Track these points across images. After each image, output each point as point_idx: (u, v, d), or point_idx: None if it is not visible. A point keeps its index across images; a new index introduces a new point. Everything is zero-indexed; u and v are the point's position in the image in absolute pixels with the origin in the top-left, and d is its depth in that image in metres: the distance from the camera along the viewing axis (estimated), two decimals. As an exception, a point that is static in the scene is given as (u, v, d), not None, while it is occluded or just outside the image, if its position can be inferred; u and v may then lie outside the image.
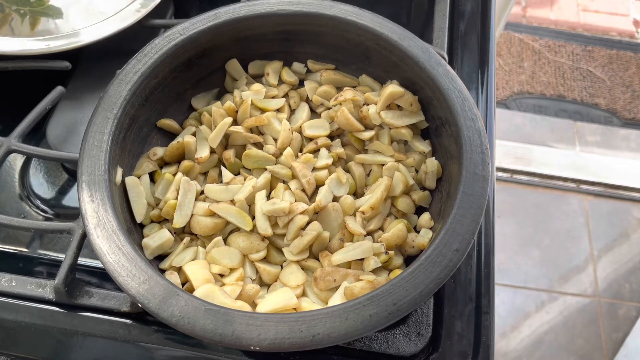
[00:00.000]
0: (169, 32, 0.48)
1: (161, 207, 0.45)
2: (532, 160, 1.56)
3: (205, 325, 0.34)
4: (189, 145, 0.47)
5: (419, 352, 0.43)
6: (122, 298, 0.42)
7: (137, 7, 0.58)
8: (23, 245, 0.50)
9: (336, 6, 0.50)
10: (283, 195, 0.45)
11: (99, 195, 0.39)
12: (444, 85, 0.45)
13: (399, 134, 0.49)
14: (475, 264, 0.47)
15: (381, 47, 0.49)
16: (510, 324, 1.31)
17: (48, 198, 0.53)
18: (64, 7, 0.59)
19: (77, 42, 0.54)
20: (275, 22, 0.50)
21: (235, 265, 0.43)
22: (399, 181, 0.47)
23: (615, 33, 1.89)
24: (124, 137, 0.45)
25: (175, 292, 0.35)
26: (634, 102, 1.74)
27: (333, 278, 0.41)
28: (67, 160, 0.48)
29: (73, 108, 0.54)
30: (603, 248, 1.43)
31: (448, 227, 0.39)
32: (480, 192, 0.40)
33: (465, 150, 0.42)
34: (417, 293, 0.36)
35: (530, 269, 1.40)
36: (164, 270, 0.43)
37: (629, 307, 1.34)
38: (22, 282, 0.43)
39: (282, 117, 0.50)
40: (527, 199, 1.51)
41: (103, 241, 0.37)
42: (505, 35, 1.85)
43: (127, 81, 0.45)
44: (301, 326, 0.34)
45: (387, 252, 0.43)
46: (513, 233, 1.45)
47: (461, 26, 0.63)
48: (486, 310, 0.45)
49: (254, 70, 0.53)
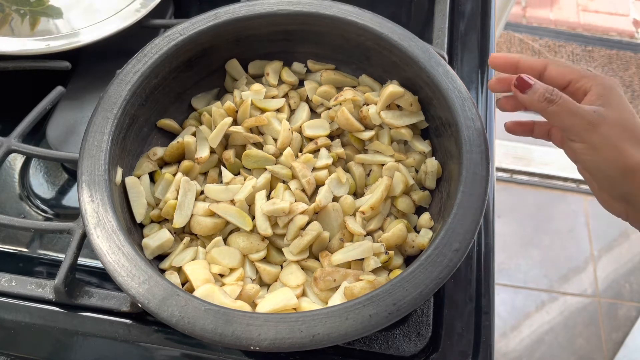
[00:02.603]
0: (169, 32, 0.48)
1: (161, 207, 0.45)
2: (532, 160, 1.56)
3: (205, 325, 0.34)
4: (189, 145, 0.47)
5: (419, 352, 0.43)
6: (122, 298, 0.42)
7: (137, 7, 0.58)
8: (23, 245, 0.50)
9: (336, 6, 0.50)
10: (283, 195, 0.45)
11: (99, 195, 0.39)
12: (444, 85, 0.45)
13: (399, 134, 0.49)
14: (475, 264, 0.47)
15: (381, 47, 0.49)
16: (510, 324, 1.31)
17: (48, 198, 0.53)
18: (64, 7, 0.59)
19: (77, 42, 0.54)
20: (275, 22, 0.50)
21: (235, 265, 0.43)
22: (399, 181, 0.47)
23: (615, 33, 1.89)
24: (124, 137, 0.45)
25: (175, 292, 0.35)
26: (634, 102, 1.73)
27: (333, 278, 0.41)
28: (67, 160, 0.48)
29: (73, 108, 0.54)
30: (603, 248, 1.43)
31: (448, 227, 0.39)
32: (480, 192, 0.40)
33: (465, 150, 0.42)
34: (417, 293, 0.36)
35: (530, 269, 1.39)
36: (164, 270, 0.43)
37: (629, 307, 1.34)
38: (22, 282, 0.43)
39: (282, 117, 0.50)
40: (527, 199, 1.51)
41: (103, 241, 0.37)
42: (505, 35, 1.85)
43: (127, 81, 0.45)
44: (301, 326, 0.34)
45: (387, 252, 0.43)
46: (513, 233, 1.45)
47: (461, 26, 0.63)
48: (486, 310, 0.45)
49: (254, 70, 0.53)
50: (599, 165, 0.38)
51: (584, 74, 0.41)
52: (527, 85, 0.40)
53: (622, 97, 0.39)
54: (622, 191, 0.38)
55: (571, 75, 0.41)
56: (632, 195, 0.37)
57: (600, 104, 0.39)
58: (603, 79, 0.40)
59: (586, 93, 0.40)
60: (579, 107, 0.38)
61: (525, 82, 0.40)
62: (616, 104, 0.38)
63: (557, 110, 0.39)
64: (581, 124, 0.38)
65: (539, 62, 0.43)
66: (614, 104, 0.38)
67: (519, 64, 0.43)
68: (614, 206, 0.40)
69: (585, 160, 0.39)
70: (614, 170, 0.37)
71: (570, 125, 0.38)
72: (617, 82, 0.40)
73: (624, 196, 0.38)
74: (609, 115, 0.38)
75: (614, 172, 0.37)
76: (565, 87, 0.42)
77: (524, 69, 0.43)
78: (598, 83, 0.40)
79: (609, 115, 0.38)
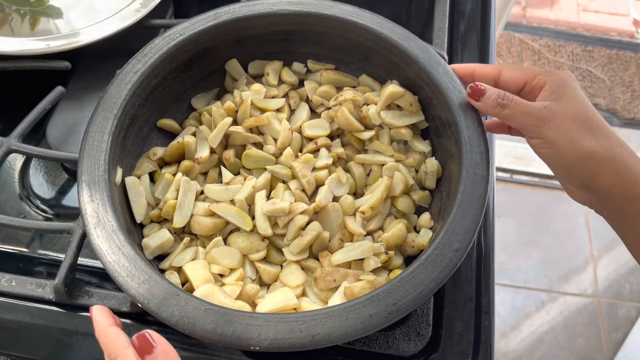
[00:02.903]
0: (169, 32, 0.48)
1: (161, 207, 0.45)
2: (532, 160, 1.56)
3: (205, 325, 0.34)
4: (189, 145, 0.47)
5: (419, 352, 0.43)
6: (122, 298, 0.42)
7: (137, 7, 0.58)
8: (23, 245, 0.50)
9: (336, 6, 0.50)
10: (283, 195, 0.45)
11: (99, 195, 0.39)
12: (444, 85, 0.45)
13: (399, 134, 0.49)
14: (475, 264, 0.47)
15: (381, 47, 0.49)
16: (510, 324, 1.31)
17: (48, 198, 0.53)
18: (64, 7, 0.59)
19: (77, 42, 0.54)
20: (275, 22, 0.50)
21: (235, 265, 0.43)
22: (399, 181, 0.47)
23: (615, 33, 1.89)
24: (124, 137, 0.45)
25: (175, 292, 0.35)
26: (633, 102, 1.73)
27: (333, 278, 0.41)
28: (67, 160, 0.48)
29: (73, 108, 0.54)
30: (603, 248, 1.43)
31: (448, 227, 0.39)
32: (480, 192, 0.40)
33: (465, 150, 0.42)
34: (417, 293, 0.36)
35: (530, 269, 1.39)
36: (164, 270, 0.43)
37: (629, 307, 1.34)
38: (22, 282, 0.43)
39: (282, 117, 0.50)
40: (527, 199, 1.51)
41: (103, 241, 0.37)
42: (505, 35, 1.85)
43: (127, 81, 0.45)
44: (301, 326, 0.34)
45: (387, 252, 0.43)
46: (513, 233, 1.45)
47: (461, 26, 0.63)
48: (486, 310, 0.45)
49: (254, 70, 0.53)
50: (556, 157, 0.39)
51: (537, 72, 0.42)
52: (480, 92, 0.42)
53: (575, 89, 0.40)
54: (581, 179, 0.39)
55: (525, 76, 0.43)
56: (590, 181, 0.39)
57: (552, 99, 0.40)
58: (556, 74, 0.41)
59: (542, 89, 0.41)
60: (529, 106, 0.40)
61: (479, 89, 0.42)
62: (567, 97, 0.40)
63: (510, 114, 0.40)
64: (533, 122, 0.39)
65: (493, 68, 0.44)
66: (565, 97, 0.40)
67: (474, 73, 0.45)
68: (578, 195, 0.41)
69: (543, 154, 0.40)
70: (570, 160, 0.39)
71: (524, 124, 0.40)
72: (571, 75, 0.41)
73: (584, 184, 0.39)
74: (560, 109, 0.39)
75: (570, 162, 0.39)
76: (521, 88, 0.43)
77: (478, 77, 0.45)
78: (550, 79, 0.41)
79: (560, 109, 0.39)
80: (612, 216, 0.40)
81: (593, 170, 0.38)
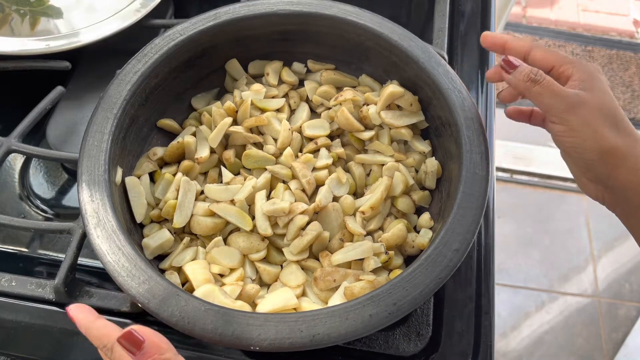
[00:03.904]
0: (169, 32, 0.48)
1: (161, 207, 0.45)
2: (532, 160, 1.56)
3: (205, 325, 0.34)
4: (189, 145, 0.47)
5: (419, 352, 0.43)
6: (122, 298, 0.42)
7: (137, 7, 0.58)
8: (23, 245, 0.50)
9: (336, 6, 0.50)
10: (283, 195, 0.45)
11: (99, 195, 0.39)
12: (444, 85, 0.45)
13: (399, 134, 0.49)
14: (475, 264, 0.47)
15: (381, 47, 0.49)
16: (510, 324, 1.31)
17: (48, 198, 0.53)
18: (64, 7, 0.59)
19: (77, 42, 0.54)
20: (275, 22, 0.50)
21: (235, 265, 0.43)
22: (399, 181, 0.47)
23: (615, 33, 1.89)
24: (124, 137, 0.45)
25: (175, 292, 0.35)
26: (633, 102, 1.73)
27: (333, 278, 0.41)
28: (67, 160, 0.48)
29: (73, 108, 0.54)
30: (603, 248, 1.43)
31: (448, 227, 0.39)
32: (480, 192, 0.40)
33: (465, 150, 0.42)
34: (417, 293, 0.36)
35: (530, 269, 1.39)
36: (164, 270, 0.43)
37: (629, 307, 1.34)
38: (22, 282, 0.43)
39: (282, 117, 0.50)
40: (527, 199, 1.51)
41: (103, 241, 0.37)
42: (505, 35, 1.85)
43: (127, 81, 0.45)
44: (301, 326, 0.34)
45: (387, 252, 0.43)
46: (513, 233, 1.45)
47: (461, 26, 0.63)
48: (486, 310, 0.45)
49: (254, 70, 0.53)
50: (577, 148, 0.39)
51: (566, 60, 0.42)
52: (512, 66, 0.42)
53: (603, 82, 0.40)
54: (598, 173, 0.39)
55: (554, 60, 0.42)
56: (608, 177, 0.38)
57: (581, 88, 0.40)
58: (585, 64, 0.41)
59: (569, 78, 0.41)
60: (561, 89, 0.39)
61: (511, 63, 0.42)
62: (597, 88, 0.39)
63: (540, 91, 0.40)
64: (562, 105, 0.39)
65: (524, 44, 0.44)
66: (595, 89, 0.39)
67: (505, 45, 0.44)
68: (591, 189, 0.41)
69: (564, 142, 0.40)
70: (591, 152, 0.38)
71: (552, 105, 0.39)
72: (599, 68, 0.41)
73: (601, 179, 0.39)
74: (589, 99, 0.39)
75: (591, 155, 0.38)
76: (548, 71, 0.43)
77: (510, 50, 0.44)
78: (580, 68, 0.41)
79: (589, 98, 0.39)
80: (626, 213, 0.40)
81: (613, 166, 0.38)
